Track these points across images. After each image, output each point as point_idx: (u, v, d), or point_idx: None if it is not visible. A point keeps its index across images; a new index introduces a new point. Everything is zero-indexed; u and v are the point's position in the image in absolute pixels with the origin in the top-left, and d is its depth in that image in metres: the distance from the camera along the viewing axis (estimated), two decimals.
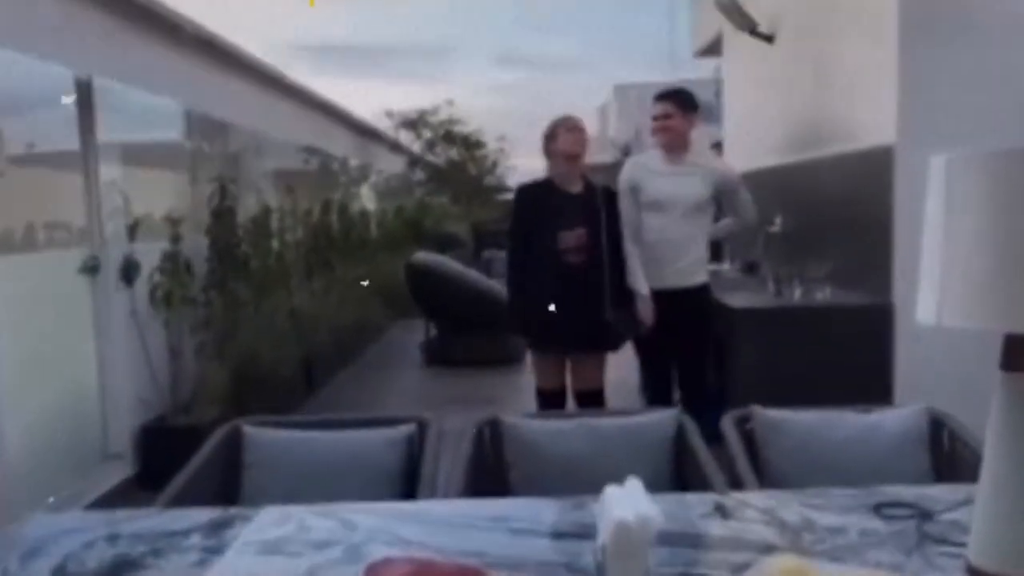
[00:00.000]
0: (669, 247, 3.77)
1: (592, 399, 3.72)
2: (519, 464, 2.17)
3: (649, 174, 3.89)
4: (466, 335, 7.58)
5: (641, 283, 3.73)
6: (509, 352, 7.59)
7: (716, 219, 4.04)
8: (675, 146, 3.85)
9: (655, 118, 3.85)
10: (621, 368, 5.06)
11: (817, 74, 4.62)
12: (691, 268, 3.79)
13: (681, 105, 3.85)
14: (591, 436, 2.18)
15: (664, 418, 2.27)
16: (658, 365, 3.95)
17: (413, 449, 2.18)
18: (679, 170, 3.84)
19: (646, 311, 3.70)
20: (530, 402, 3.99)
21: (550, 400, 3.75)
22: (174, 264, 4.77)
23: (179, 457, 2.13)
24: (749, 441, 2.22)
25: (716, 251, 6.02)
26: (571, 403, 3.84)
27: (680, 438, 2.20)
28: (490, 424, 2.25)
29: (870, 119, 3.93)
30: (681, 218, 3.79)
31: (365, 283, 8.54)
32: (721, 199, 3.92)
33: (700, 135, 4.22)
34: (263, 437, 2.18)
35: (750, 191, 4.04)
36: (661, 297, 3.78)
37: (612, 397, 3.99)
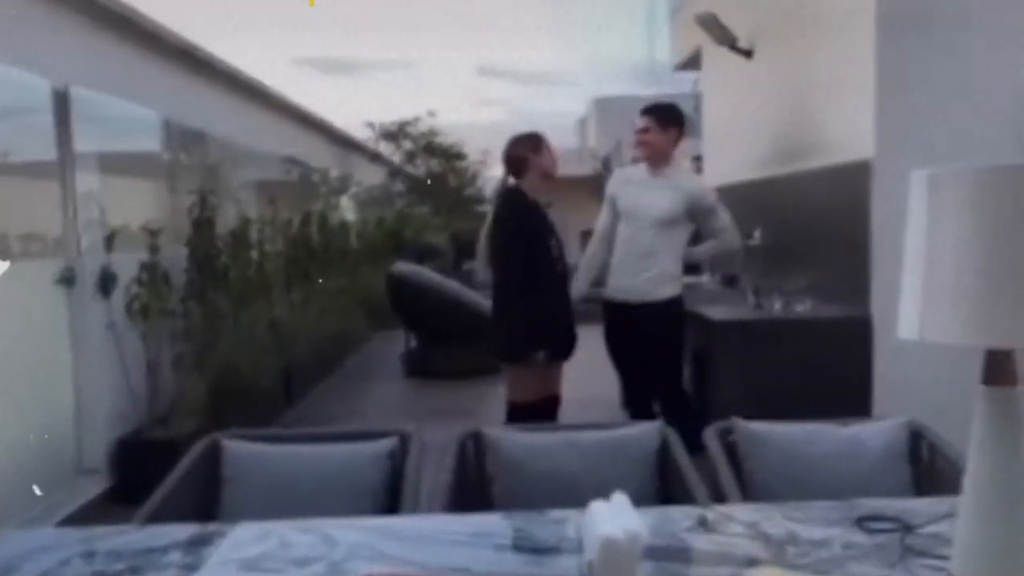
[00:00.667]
0: (633, 257, 3.86)
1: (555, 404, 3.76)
2: (502, 478, 2.16)
3: (627, 184, 3.99)
4: (446, 346, 7.57)
5: (580, 285, 3.94)
6: (490, 363, 7.56)
7: (695, 242, 4.03)
8: (656, 160, 3.90)
9: (637, 131, 3.92)
10: (605, 382, 5.07)
11: (795, 88, 4.67)
12: (656, 281, 3.83)
13: (660, 120, 3.90)
14: (574, 450, 2.17)
15: (647, 431, 2.27)
16: (632, 378, 3.99)
17: (395, 463, 2.16)
18: (654, 183, 3.90)
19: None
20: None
21: (542, 410, 3.70)
22: (152, 275, 4.72)
23: (156, 471, 2.10)
24: (732, 453, 2.23)
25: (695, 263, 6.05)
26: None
27: (664, 451, 2.19)
28: (472, 437, 2.23)
29: (848, 133, 3.97)
30: (649, 229, 3.84)
31: (341, 293, 8.50)
32: (698, 219, 3.92)
33: (683, 151, 4.24)
34: (242, 451, 2.16)
35: (729, 206, 4.07)
36: (626, 309, 3.85)
37: (595, 412, 4.00)
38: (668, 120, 3.91)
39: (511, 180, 3.75)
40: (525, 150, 3.74)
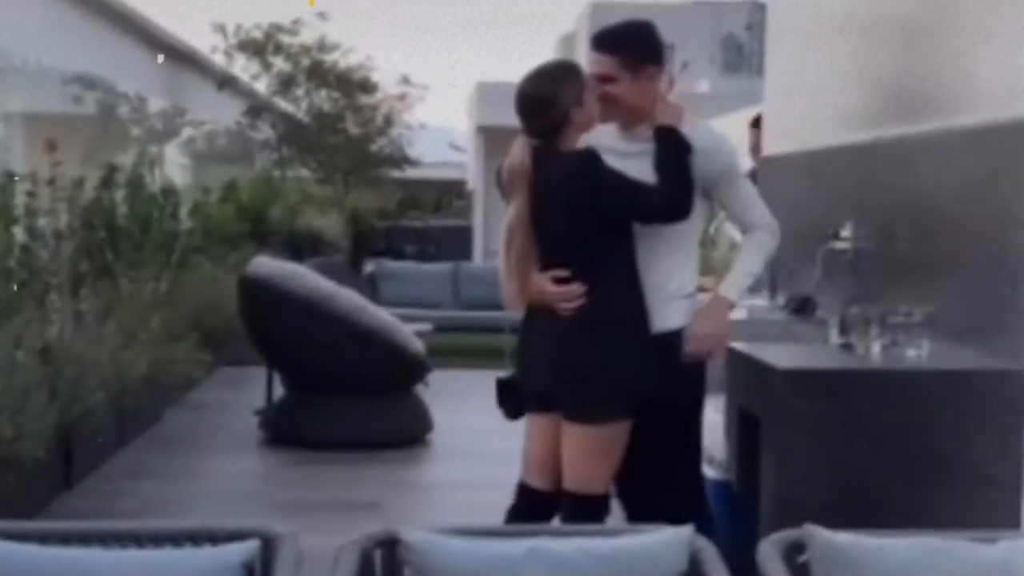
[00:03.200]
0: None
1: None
2: None
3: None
4: (334, 399, 7.52)
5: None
6: (407, 428, 7.54)
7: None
8: (625, 122, 3.96)
9: (590, 76, 3.93)
10: None
11: (918, 7, 4.74)
12: (651, 304, 3.86)
13: (625, 57, 3.91)
14: (550, 571, 2.18)
15: (668, 543, 2.28)
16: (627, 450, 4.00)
17: None
18: (631, 150, 3.91)
19: None
20: (443, 511, 4.02)
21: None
22: None
23: None
24: None
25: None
26: None
27: (695, 575, 2.21)
28: (383, 545, 2.23)
29: (998, 78, 4.03)
30: (641, 232, 3.89)
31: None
32: (716, 195, 3.98)
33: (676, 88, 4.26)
34: (2, 555, 2.13)
35: (803, 184, 4.12)
36: None
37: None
38: (638, 55, 3.93)
39: (523, 142, 3.84)
40: (569, 97, 3.81)
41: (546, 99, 3.82)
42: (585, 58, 4.20)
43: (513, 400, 4.04)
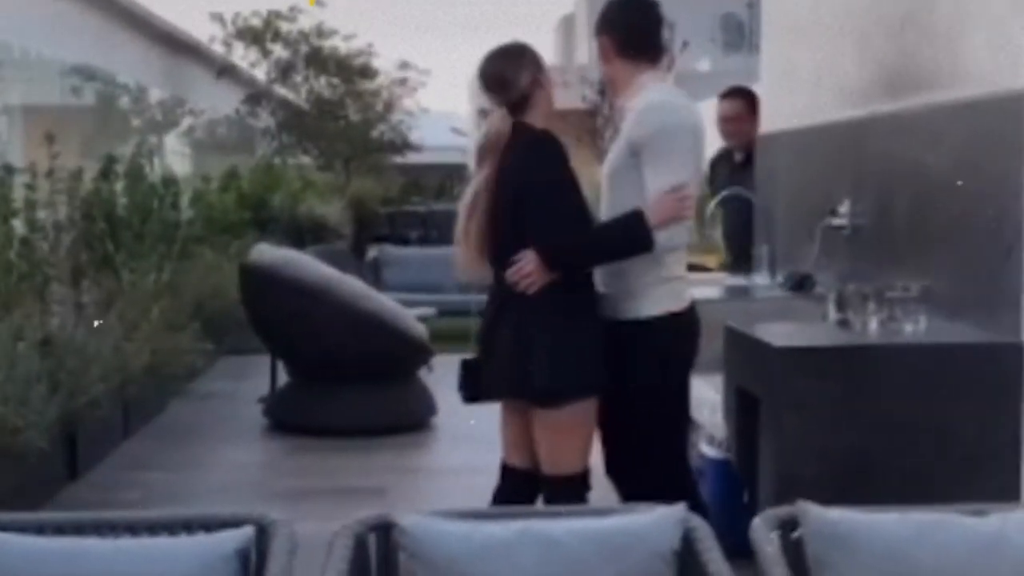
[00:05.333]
0: None
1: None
2: None
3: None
4: (338, 386, 7.54)
5: None
6: (411, 414, 7.56)
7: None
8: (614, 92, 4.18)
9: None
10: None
11: None
12: (625, 286, 3.91)
13: (617, 38, 4.01)
14: (544, 551, 2.21)
15: (662, 521, 2.30)
16: (612, 432, 4.07)
17: (247, 570, 2.17)
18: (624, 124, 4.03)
19: None
20: (446, 496, 4.05)
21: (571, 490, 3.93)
22: None
23: None
24: (797, 558, 2.25)
25: (742, 253, 6.10)
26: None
27: (688, 552, 2.23)
28: (377, 529, 2.25)
29: (992, 51, 4.03)
30: (606, 200, 3.99)
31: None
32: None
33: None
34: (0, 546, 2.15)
35: (800, 161, 4.13)
36: (609, 329, 3.96)
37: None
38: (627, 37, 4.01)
39: (504, 115, 3.91)
40: (531, 71, 3.95)
41: (502, 79, 3.95)
42: (588, 41, 4.30)
43: (474, 383, 4.08)
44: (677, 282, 3.99)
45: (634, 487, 3.98)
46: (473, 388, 4.09)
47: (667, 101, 3.94)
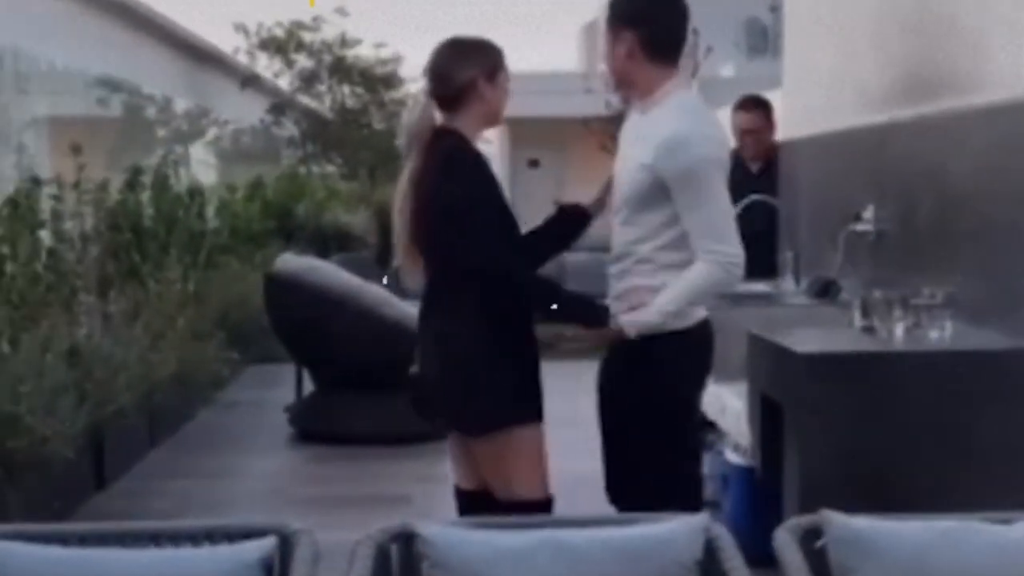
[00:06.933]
0: (611, 261, 3.86)
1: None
2: None
3: (623, 134, 3.99)
4: (363, 395, 7.55)
5: None
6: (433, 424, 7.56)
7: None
8: (640, 96, 3.87)
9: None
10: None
11: None
12: (631, 303, 3.71)
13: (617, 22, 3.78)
14: (566, 561, 2.20)
15: (683, 532, 2.29)
16: (612, 450, 3.96)
17: None
18: (637, 128, 3.82)
19: None
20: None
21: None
22: None
23: None
24: (820, 567, 2.25)
25: (764, 259, 6.06)
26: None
27: (710, 563, 2.22)
28: (399, 539, 2.26)
29: (1012, 57, 4.01)
30: (616, 215, 3.81)
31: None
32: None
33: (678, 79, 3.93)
34: (24, 558, 2.16)
35: (823, 167, 4.11)
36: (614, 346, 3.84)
37: (588, 495, 4.01)
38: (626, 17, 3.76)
39: (435, 113, 3.75)
40: (474, 70, 3.74)
41: (438, 70, 3.76)
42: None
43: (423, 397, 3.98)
44: None
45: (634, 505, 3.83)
46: (422, 404, 3.99)
47: (695, 133, 3.65)
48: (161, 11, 11.26)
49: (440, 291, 3.84)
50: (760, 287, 5.82)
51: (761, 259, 5.81)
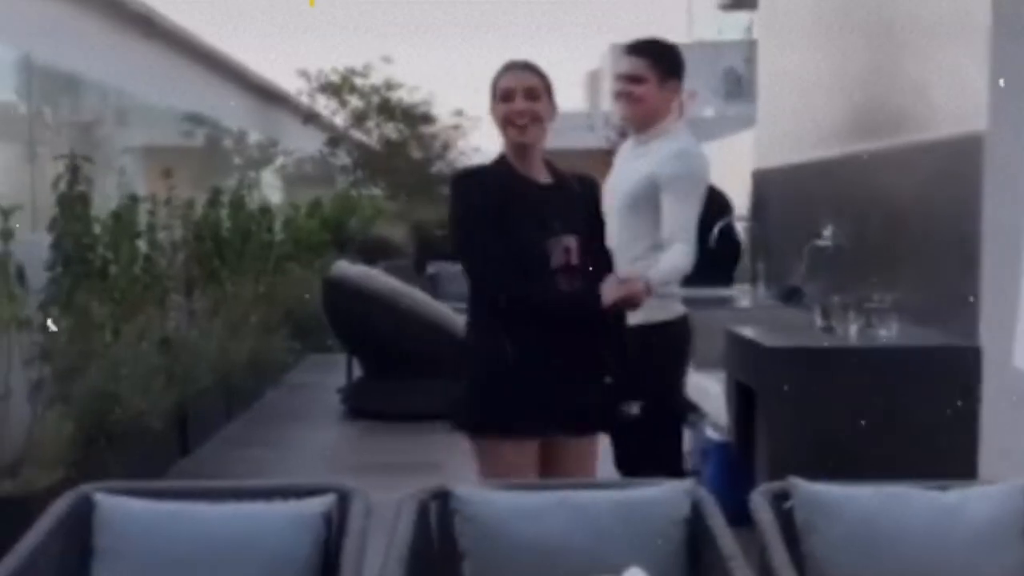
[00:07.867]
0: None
1: None
2: (476, 554, 2.17)
3: (617, 162, 3.97)
4: (404, 378, 7.57)
5: None
6: None
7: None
8: (646, 122, 3.81)
9: (620, 77, 3.74)
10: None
11: (882, 36, 4.71)
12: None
13: (659, 66, 3.74)
14: (573, 515, 2.20)
15: (673, 492, 2.29)
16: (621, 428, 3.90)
17: (330, 531, 2.18)
18: (635, 152, 3.84)
19: None
20: None
21: None
22: (2, 271, 4.70)
23: (1, 539, 2.09)
24: (788, 525, 2.25)
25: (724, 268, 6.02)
26: None
27: (696, 520, 2.22)
28: (437, 498, 2.26)
29: (952, 98, 4.00)
30: (617, 220, 3.75)
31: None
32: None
33: (679, 105, 4.02)
34: (121, 511, 2.16)
35: (790, 193, 4.10)
36: None
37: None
38: (669, 67, 3.77)
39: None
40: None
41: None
42: (611, 82, 4.11)
43: None
44: (668, 298, 3.85)
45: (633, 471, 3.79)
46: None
47: (692, 150, 3.81)
48: (238, 59, 11.30)
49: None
50: (736, 292, 5.83)
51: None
